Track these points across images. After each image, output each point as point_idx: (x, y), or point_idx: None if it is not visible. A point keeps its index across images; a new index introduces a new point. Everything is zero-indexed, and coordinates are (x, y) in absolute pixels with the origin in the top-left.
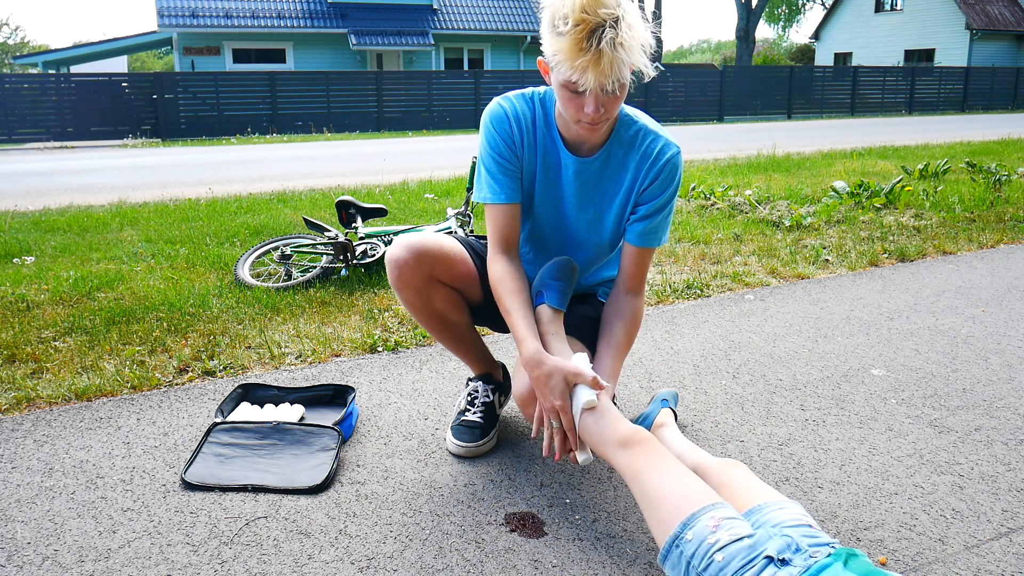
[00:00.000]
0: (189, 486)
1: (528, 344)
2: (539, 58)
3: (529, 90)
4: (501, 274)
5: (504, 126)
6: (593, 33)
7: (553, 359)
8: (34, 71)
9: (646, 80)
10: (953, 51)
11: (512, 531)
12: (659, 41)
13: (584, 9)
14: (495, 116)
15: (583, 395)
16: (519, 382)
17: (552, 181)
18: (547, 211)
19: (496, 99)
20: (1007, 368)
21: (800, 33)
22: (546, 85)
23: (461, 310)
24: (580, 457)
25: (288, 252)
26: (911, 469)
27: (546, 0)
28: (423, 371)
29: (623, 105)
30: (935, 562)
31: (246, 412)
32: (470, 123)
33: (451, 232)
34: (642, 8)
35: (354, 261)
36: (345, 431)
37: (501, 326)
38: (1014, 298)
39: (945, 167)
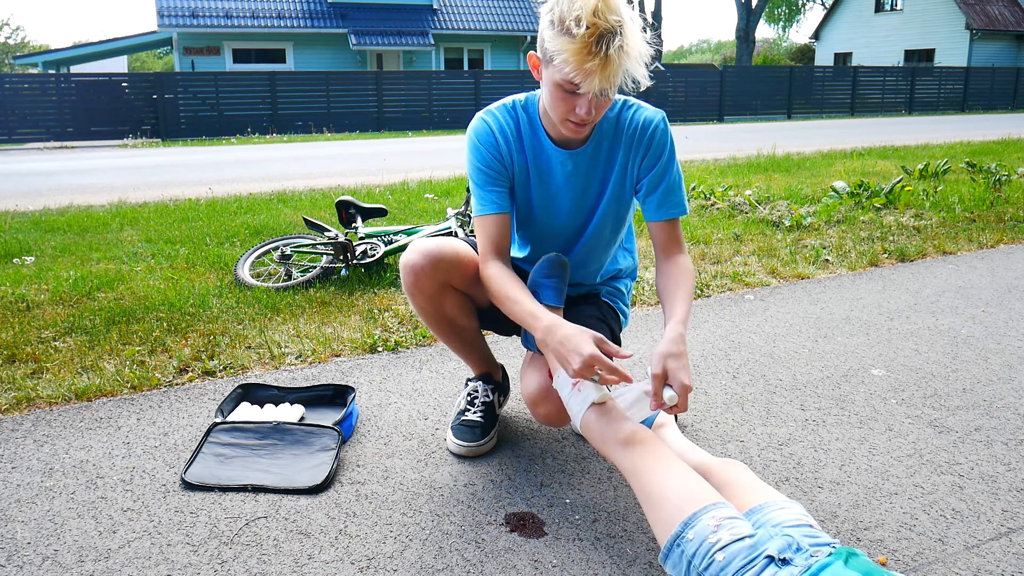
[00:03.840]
0: (189, 486)
1: (545, 317)
2: (531, 52)
3: (509, 99)
4: (499, 272)
5: (490, 139)
6: (602, 38)
7: (571, 324)
8: (34, 71)
9: (642, 89)
10: (953, 51)
11: (512, 531)
12: (659, 41)
13: (596, 13)
14: (479, 131)
15: (593, 392)
16: (529, 382)
17: (547, 181)
18: (548, 210)
19: (478, 115)
20: (1007, 368)
21: (800, 33)
22: (525, 92)
23: (471, 315)
24: (666, 395)
25: (288, 252)
26: (911, 469)
27: None
28: (423, 371)
29: None
30: (935, 562)
31: (246, 412)
32: (470, 123)
33: (451, 232)
34: (644, 18)
35: (354, 261)
36: (345, 431)
37: (506, 329)
38: (1014, 298)
39: (945, 167)
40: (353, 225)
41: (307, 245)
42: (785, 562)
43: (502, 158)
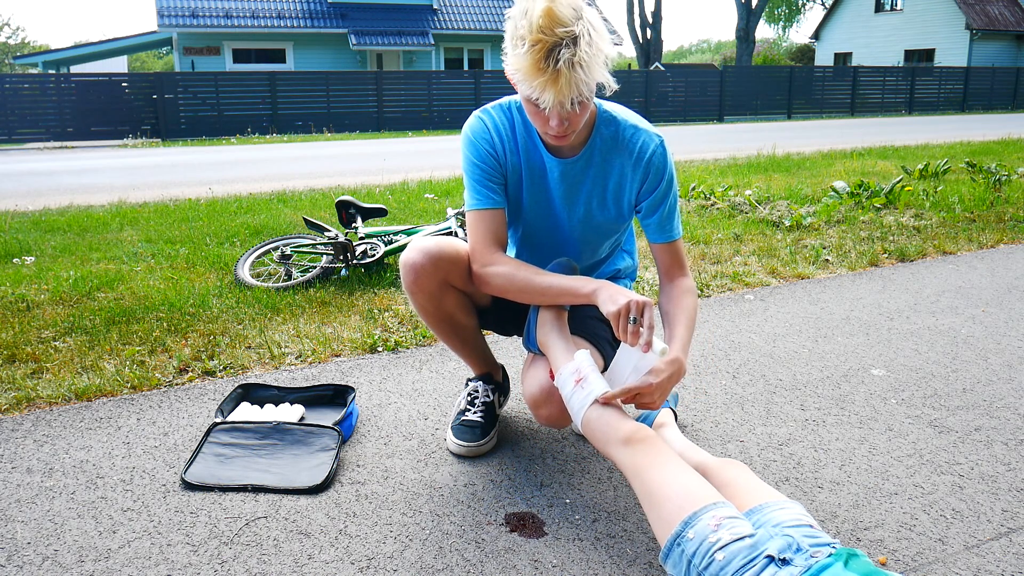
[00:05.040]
0: (189, 486)
1: (590, 281)
2: (506, 69)
3: (506, 100)
4: (513, 262)
5: (485, 136)
6: (551, 53)
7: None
8: (34, 71)
9: (608, 94)
10: (953, 51)
11: (512, 531)
12: (659, 41)
13: (541, 29)
14: (475, 129)
15: (597, 386)
16: (531, 384)
17: (538, 184)
18: (537, 213)
19: (474, 113)
20: (1007, 368)
21: (800, 33)
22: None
23: (470, 313)
24: (658, 347)
25: (288, 252)
26: (911, 469)
27: (509, 12)
28: (423, 371)
29: (601, 101)
30: (935, 562)
31: (246, 412)
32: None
33: (451, 232)
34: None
35: (354, 261)
36: (345, 431)
37: (506, 329)
38: (1014, 298)
39: (945, 167)
40: (353, 225)
41: (307, 245)
42: (785, 562)
43: (497, 155)
